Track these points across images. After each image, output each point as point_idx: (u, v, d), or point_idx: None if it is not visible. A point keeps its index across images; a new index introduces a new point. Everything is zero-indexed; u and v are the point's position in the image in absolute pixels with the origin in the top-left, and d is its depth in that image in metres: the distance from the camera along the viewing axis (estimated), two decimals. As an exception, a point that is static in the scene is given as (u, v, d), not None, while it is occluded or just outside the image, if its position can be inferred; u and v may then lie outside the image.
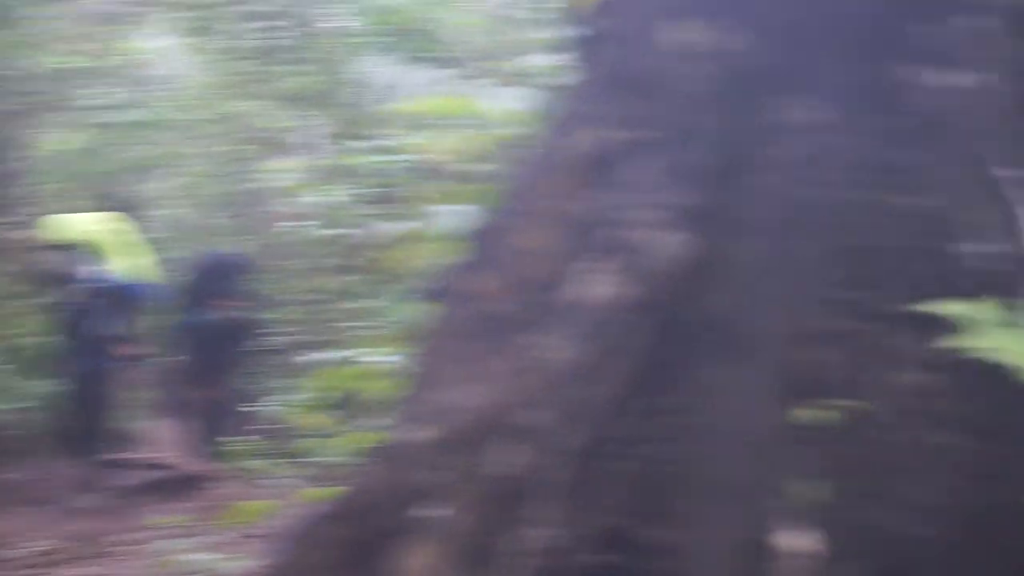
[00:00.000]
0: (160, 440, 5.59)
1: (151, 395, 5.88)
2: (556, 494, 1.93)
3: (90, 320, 5.21)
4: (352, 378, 2.84)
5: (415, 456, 1.99)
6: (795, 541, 1.88)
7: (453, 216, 2.85)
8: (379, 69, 6.44)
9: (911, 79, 1.90)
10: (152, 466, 5.23)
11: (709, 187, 1.94)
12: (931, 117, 1.89)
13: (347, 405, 2.62)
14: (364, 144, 5.75)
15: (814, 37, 1.96)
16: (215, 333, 5.53)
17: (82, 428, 5.06)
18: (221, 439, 4.13)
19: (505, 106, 3.59)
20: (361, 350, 3.10)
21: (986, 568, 1.83)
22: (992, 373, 1.79)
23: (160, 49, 8.84)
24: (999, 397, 1.86)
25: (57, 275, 5.26)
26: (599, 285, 1.96)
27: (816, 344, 1.94)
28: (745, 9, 1.99)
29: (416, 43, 5.88)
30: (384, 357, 2.75)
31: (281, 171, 6.87)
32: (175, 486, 4.66)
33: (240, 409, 4.72)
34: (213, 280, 5.83)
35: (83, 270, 5.14)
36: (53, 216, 5.62)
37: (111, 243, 5.32)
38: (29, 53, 6.78)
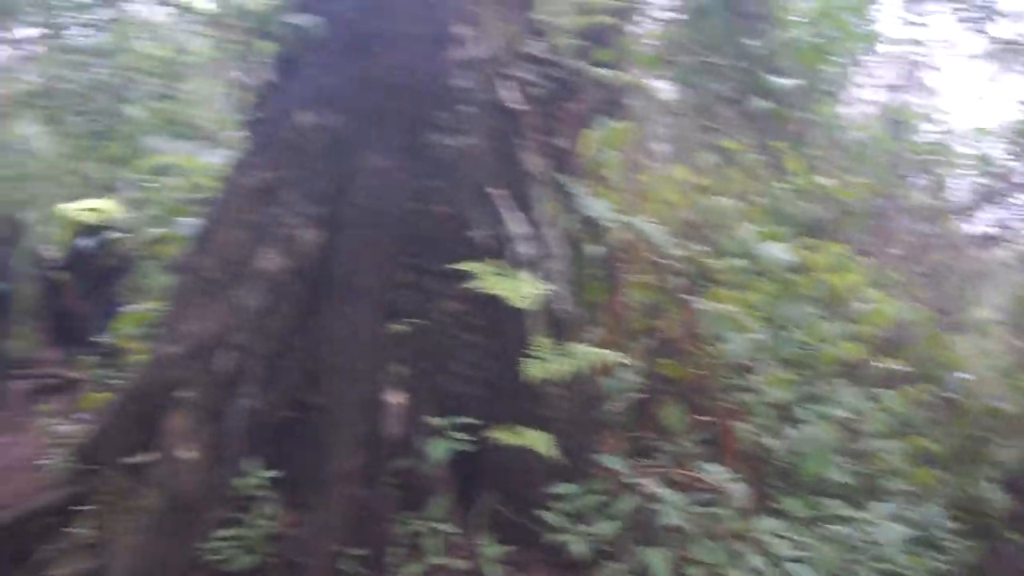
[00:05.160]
0: (51, 356, 6.97)
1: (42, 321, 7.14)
2: (255, 380, 3.40)
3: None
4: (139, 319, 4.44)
5: (171, 362, 3.41)
6: (393, 397, 3.41)
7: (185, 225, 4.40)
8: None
9: (438, 141, 3.33)
10: (44, 375, 6.63)
11: (326, 203, 3.36)
12: (447, 162, 3.33)
13: (146, 335, 3.99)
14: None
15: (377, 116, 3.35)
16: (90, 264, 6.65)
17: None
18: (84, 354, 5.44)
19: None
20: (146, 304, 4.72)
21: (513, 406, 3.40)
22: (495, 301, 3.30)
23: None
24: (499, 314, 3.39)
25: None
26: (270, 261, 3.38)
27: (395, 289, 3.43)
28: (337, 100, 3.36)
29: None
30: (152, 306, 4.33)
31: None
32: (59, 388, 6.10)
33: (97, 331, 5.95)
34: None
35: None
36: None
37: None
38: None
